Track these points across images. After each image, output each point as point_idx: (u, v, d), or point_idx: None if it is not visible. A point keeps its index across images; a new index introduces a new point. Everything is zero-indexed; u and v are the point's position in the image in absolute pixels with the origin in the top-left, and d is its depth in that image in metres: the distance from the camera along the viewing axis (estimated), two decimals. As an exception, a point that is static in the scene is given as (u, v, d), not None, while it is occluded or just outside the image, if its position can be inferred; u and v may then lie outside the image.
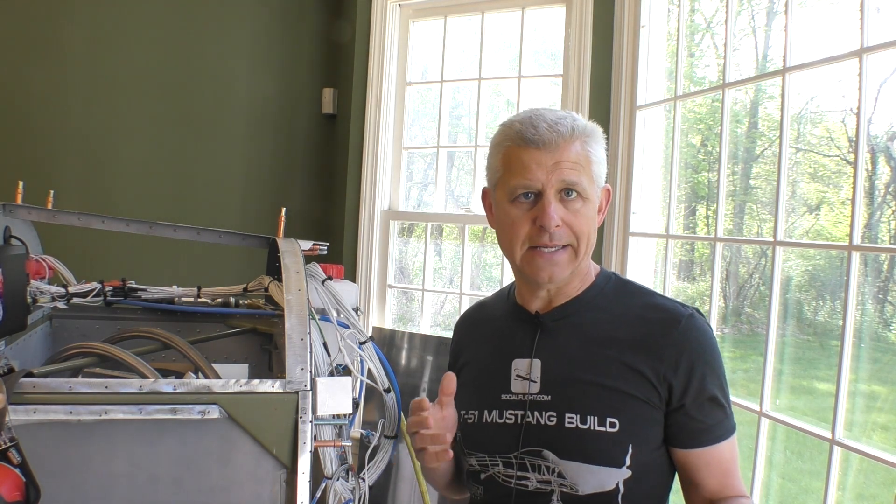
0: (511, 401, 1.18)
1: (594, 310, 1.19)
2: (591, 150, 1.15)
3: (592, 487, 1.10)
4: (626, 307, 1.19)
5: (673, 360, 1.12)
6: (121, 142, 3.33)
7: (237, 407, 0.98)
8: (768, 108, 3.55)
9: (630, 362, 1.13)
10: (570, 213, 1.14)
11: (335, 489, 1.15)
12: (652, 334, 1.14)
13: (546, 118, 1.14)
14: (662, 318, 1.15)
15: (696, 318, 1.16)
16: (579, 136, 1.14)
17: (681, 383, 1.11)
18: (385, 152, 3.21)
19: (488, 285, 4.18)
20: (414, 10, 3.21)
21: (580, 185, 1.13)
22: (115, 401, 0.95)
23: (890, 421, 3.11)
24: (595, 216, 1.18)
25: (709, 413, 1.13)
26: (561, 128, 1.13)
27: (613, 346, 1.15)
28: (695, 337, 1.13)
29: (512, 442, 1.16)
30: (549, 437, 1.13)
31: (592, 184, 1.15)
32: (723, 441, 1.14)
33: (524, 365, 1.19)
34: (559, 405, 1.14)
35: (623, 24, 2.54)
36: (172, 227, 1.53)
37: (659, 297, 1.22)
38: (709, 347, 1.14)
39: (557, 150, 1.12)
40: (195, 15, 3.39)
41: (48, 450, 0.93)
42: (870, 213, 3.10)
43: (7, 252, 1.21)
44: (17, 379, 0.92)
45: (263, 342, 1.63)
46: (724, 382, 1.15)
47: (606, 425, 1.11)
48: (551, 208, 1.11)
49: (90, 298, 1.48)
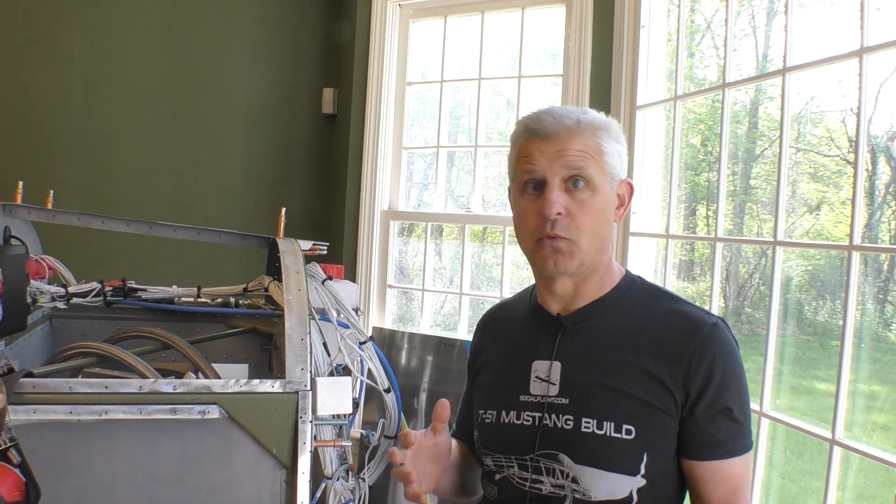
0: (529, 402, 1.17)
1: (617, 314, 1.17)
2: (602, 142, 1.14)
3: (605, 494, 1.09)
4: (649, 312, 1.16)
5: (691, 368, 1.09)
6: (121, 142, 3.33)
7: (237, 407, 0.98)
8: (768, 108, 3.55)
9: (649, 369, 1.11)
10: (576, 203, 1.12)
11: (335, 489, 1.15)
12: (673, 342, 1.11)
13: (553, 112, 1.15)
14: (685, 326, 1.12)
15: (721, 327, 1.13)
16: (587, 129, 1.13)
17: (696, 392, 1.09)
18: (385, 152, 3.21)
19: (488, 285, 4.18)
20: (414, 10, 3.21)
21: (586, 172, 1.12)
22: (115, 401, 0.95)
23: (890, 421, 3.11)
24: (605, 210, 1.15)
25: (721, 426, 1.10)
26: (566, 120, 1.13)
27: (634, 351, 1.12)
28: (716, 347, 1.11)
29: (528, 443, 1.15)
30: (566, 440, 1.12)
31: (604, 175, 1.14)
32: (734, 457, 1.10)
33: (544, 367, 1.18)
34: (577, 409, 1.13)
35: (623, 24, 2.54)
36: (172, 227, 1.53)
37: (684, 303, 1.18)
38: (730, 359, 1.11)
39: (561, 139, 1.13)
40: (195, 15, 3.39)
41: (48, 450, 0.93)
42: (870, 213, 3.10)
43: (7, 252, 1.21)
44: (17, 379, 0.92)
45: (263, 342, 1.63)
46: (744, 398, 1.12)
47: (623, 432, 1.09)
48: (553, 195, 1.11)
49: (90, 298, 1.48)
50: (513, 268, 3.20)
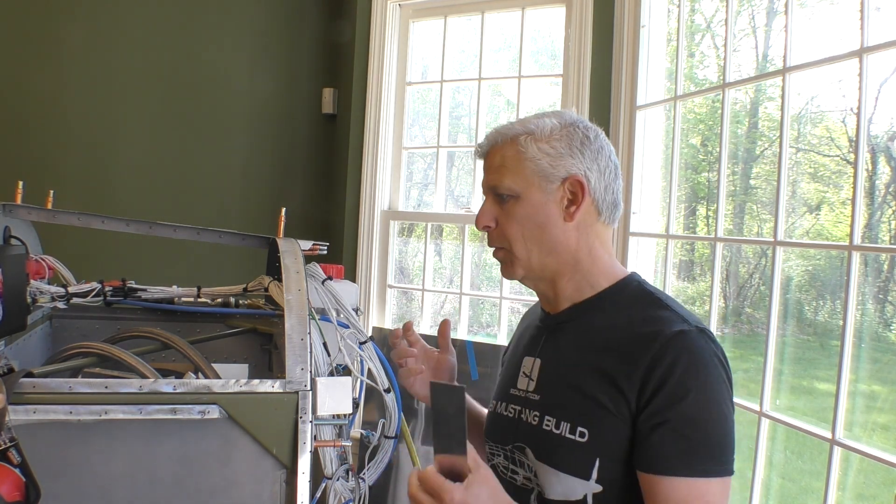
0: (515, 395, 1.21)
1: (598, 316, 1.15)
2: (523, 148, 1.14)
3: (559, 494, 1.08)
4: (628, 316, 1.11)
5: (647, 373, 1.02)
6: (121, 142, 3.33)
7: (237, 407, 0.98)
8: (768, 108, 3.55)
9: (609, 373, 1.06)
10: (504, 213, 1.16)
11: (335, 489, 1.15)
12: (636, 346, 1.05)
13: (492, 130, 1.19)
14: (650, 330, 1.06)
15: (689, 335, 1.04)
16: (506, 140, 1.16)
17: (646, 399, 1.02)
18: (385, 152, 3.21)
19: (488, 285, 4.18)
20: (414, 10, 3.21)
21: (503, 184, 1.15)
22: (115, 401, 0.95)
23: (890, 421, 3.11)
24: (534, 215, 1.14)
25: (666, 438, 1.00)
26: (491, 136, 1.18)
27: (600, 354, 1.09)
28: (676, 353, 1.02)
29: (508, 435, 1.19)
30: (530, 435, 1.15)
31: (527, 181, 1.13)
32: (680, 477, 0.99)
33: (529, 363, 1.21)
34: (543, 406, 1.14)
35: (623, 24, 2.54)
36: (172, 227, 1.53)
37: (667, 310, 1.10)
38: (692, 369, 1.02)
39: (488, 156, 1.19)
40: (195, 15, 3.39)
41: (48, 450, 0.93)
42: (870, 213, 3.10)
43: (7, 252, 1.21)
44: (17, 379, 0.92)
45: (263, 342, 1.63)
46: (709, 414, 1.01)
47: (577, 434, 1.07)
48: (481, 209, 1.18)
49: (90, 298, 1.48)
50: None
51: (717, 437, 1.01)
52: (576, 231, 1.16)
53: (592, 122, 1.20)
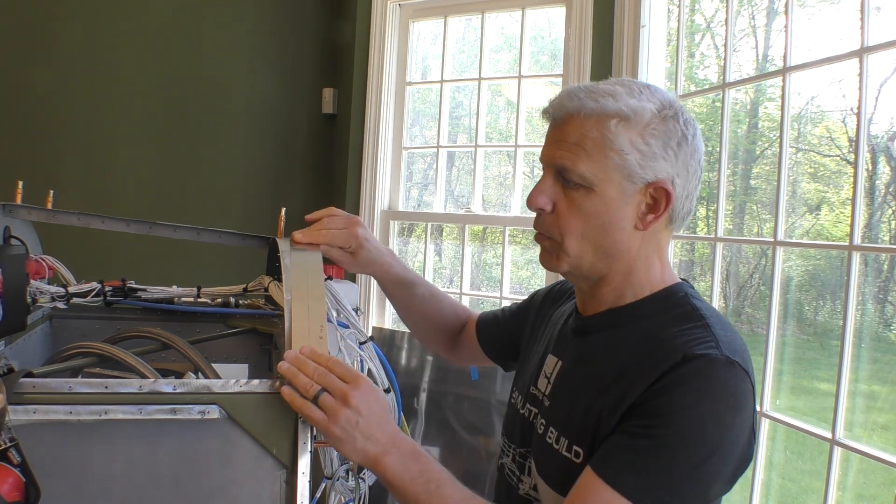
0: (534, 396, 1.10)
1: (631, 326, 0.99)
2: (612, 134, 0.93)
3: None
4: (659, 328, 0.96)
5: (646, 388, 0.90)
6: (121, 142, 3.33)
7: (237, 407, 0.98)
8: (768, 108, 3.55)
9: (619, 393, 0.92)
10: (567, 200, 0.97)
11: (335, 489, 1.15)
12: (652, 359, 0.91)
13: (572, 91, 0.97)
14: (674, 346, 0.91)
15: (714, 361, 0.88)
16: (592, 116, 0.94)
17: (634, 406, 0.90)
18: (385, 152, 3.21)
19: (488, 285, 4.18)
20: (414, 10, 3.21)
21: (575, 173, 0.95)
22: (114, 401, 0.95)
23: (890, 421, 3.11)
24: (604, 214, 0.96)
25: (620, 442, 0.88)
26: (568, 101, 0.96)
27: (618, 369, 0.95)
28: (687, 375, 0.87)
29: (524, 437, 1.10)
30: (536, 445, 1.05)
31: (608, 175, 0.94)
32: (605, 481, 0.86)
33: (552, 363, 1.08)
34: (550, 415, 1.03)
35: (623, 24, 2.53)
36: (172, 227, 1.53)
37: (703, 328, 0.93)
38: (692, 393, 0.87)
39: (562, 125, 0.97)
40: (195, 15, 3.39)
41: (48, 450, 0.93)
42: (870, 213, 3.10)
43: (7, 252, 1.21)
44: (17, 379, 0.92)
45: (263, 342, 1.63)
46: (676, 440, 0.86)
47: (572, 453, 0.96)
48: (539, 186, 0.99)
49: (90, 298, 1.47)
50: (513, 268, 3.19)
51: (677, 473, 0.86)
52: (641, 239, 0.99)
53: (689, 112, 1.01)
